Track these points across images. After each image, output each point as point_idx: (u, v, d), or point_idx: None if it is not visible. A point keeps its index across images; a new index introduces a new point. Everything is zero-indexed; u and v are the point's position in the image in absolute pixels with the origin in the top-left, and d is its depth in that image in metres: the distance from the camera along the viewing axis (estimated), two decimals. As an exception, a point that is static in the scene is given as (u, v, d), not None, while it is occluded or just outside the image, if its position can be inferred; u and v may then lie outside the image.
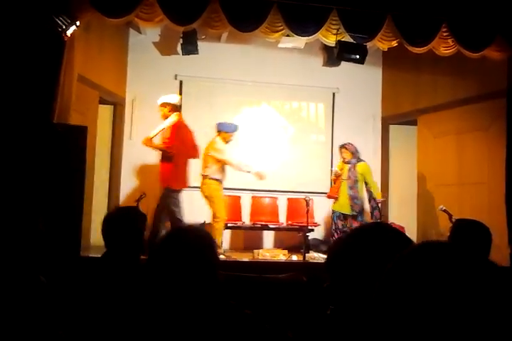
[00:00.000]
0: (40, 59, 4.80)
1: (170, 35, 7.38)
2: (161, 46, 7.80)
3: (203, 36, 6.82)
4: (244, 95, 8.13)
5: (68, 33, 5.00)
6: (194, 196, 6.29)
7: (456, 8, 5.66)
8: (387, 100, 8.40)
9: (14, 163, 4.53)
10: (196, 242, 1.54)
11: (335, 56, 6.37)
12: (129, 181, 7.36)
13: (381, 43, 5.91)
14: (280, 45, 7.10)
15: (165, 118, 5.98)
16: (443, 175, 7.17)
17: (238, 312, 1.51)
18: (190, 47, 6.80)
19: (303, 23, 5.63)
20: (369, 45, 6.07)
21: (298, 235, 6.87)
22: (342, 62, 6.82)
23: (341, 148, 6.53)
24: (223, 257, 5.70)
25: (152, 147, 5.94)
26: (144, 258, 2.25)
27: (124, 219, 2.41)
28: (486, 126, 6.58)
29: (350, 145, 6.46)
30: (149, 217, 4.07)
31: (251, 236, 7.67)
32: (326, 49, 7.61)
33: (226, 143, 6.16)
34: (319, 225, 7.41)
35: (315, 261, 5.85)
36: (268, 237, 7.77)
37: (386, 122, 8.43)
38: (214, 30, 5.73)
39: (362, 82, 8.22)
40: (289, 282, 3.66)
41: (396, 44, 5.88)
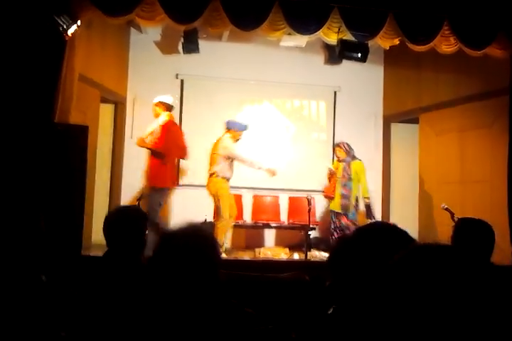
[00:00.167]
0: (41, 58, 4.80)
1: (171, 34, 7.36)
2: (162, 45, 7.79)
3: (204, 35, 6.81)
4: (245, 94, 8.11)
5: (69, 33, 5.01)
6: (199, 194, 6.29)
7: (457, 5, 5.65)
8: (388, 98, 8.38)
9: (15, 163, 4.53)
10: (198, 241, 1.53)
11: (336, 54, 6.37)
12: (130, 180, 7.36)
13: (383, 41, 5.90)
14: (281, 44, 7.08)
15: (157, 117, 6.01)
16: (445, 174, 7.15)
17: (240, 311, 1.51)
18: (191, 46, 6.79)
19: (304, 21, 5.62)
20: (371, 44, 6.06)
21: (299, 233, 6.87)
22: (343, 60, 6.81)
23: (336, 147, 6.65)
24: (225, 256, 5.70)
25: (145, 147, 5.95)
26: (146, 257, 2.25)
27: (126, 218, 2.41)
28: (489, 124, 6.56)
29: (344, 143, 6.51)
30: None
31: (252, 234, 7.67)
32: (328, 47, 7.59)
33: (235, 141, 6.14)
34: (320, 223, 7.42)
35: (317, 260, 5.86)
36: (269, 236, 7.77)
37: (388, 120, 8.41)
38: (215, 28, 5.72)
39: (363, 81, 8.21)
40: (292, 281, 3.65)
41: (398, 42, 5.87)
